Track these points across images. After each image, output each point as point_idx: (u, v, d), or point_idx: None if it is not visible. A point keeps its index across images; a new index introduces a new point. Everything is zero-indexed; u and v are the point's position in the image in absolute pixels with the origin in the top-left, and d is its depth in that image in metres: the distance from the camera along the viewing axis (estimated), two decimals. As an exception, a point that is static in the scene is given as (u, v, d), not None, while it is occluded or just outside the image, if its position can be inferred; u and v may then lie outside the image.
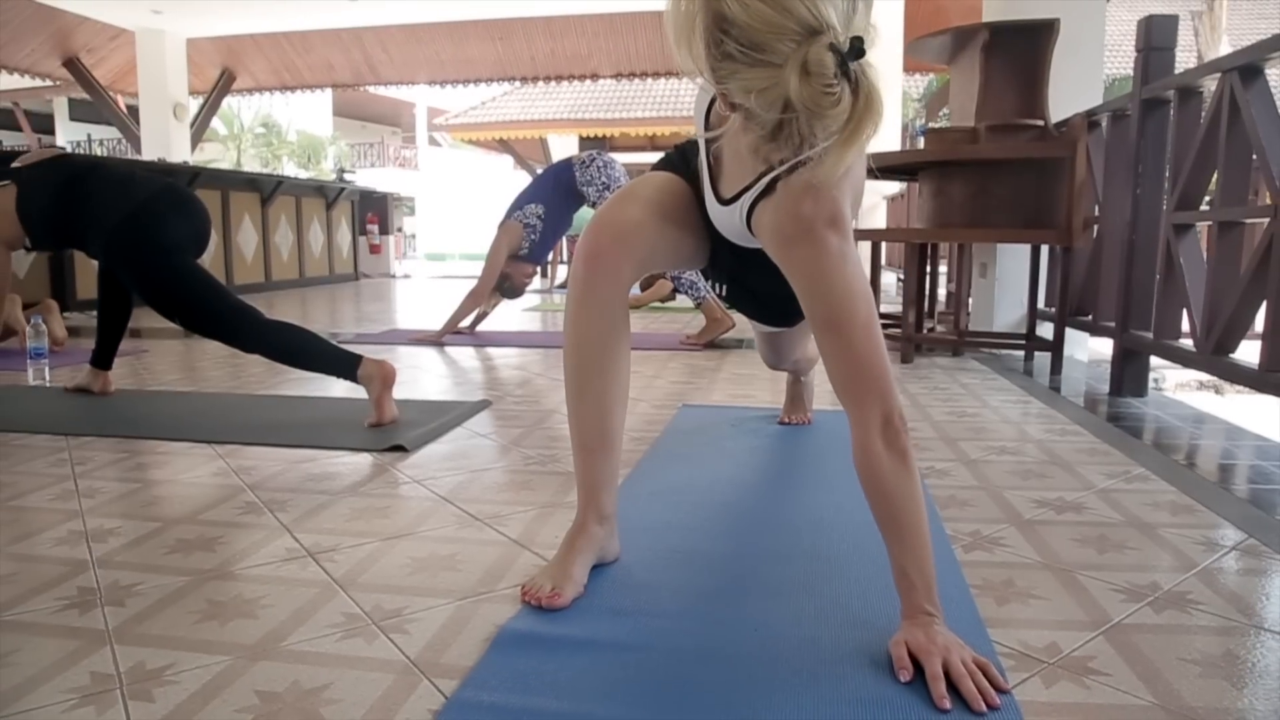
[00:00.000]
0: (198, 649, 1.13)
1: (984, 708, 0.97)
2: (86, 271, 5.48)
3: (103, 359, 2.83)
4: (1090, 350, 3.93)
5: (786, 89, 0.95)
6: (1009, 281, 4.03)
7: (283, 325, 2.53)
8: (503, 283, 4.53)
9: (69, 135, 21.66)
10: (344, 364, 2.44)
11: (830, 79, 0.94)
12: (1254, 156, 2.31)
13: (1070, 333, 3.51)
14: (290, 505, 1.74)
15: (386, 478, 1.95)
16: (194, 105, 11.62)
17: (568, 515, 1.67)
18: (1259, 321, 2.27)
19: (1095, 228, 3.39)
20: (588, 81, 13.72)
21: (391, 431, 2.32)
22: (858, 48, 0.95)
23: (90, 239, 2.56)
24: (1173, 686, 1.04)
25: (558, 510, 1.71)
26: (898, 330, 3.67)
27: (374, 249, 11.07)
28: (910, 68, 10.64)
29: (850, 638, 1.15)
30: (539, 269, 4.82)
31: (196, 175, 7.11)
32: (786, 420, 2.43)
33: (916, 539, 1.11)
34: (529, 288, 4.89)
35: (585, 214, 6.45)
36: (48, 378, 3.12)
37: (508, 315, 5.66)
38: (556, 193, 4.46)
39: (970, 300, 4.27)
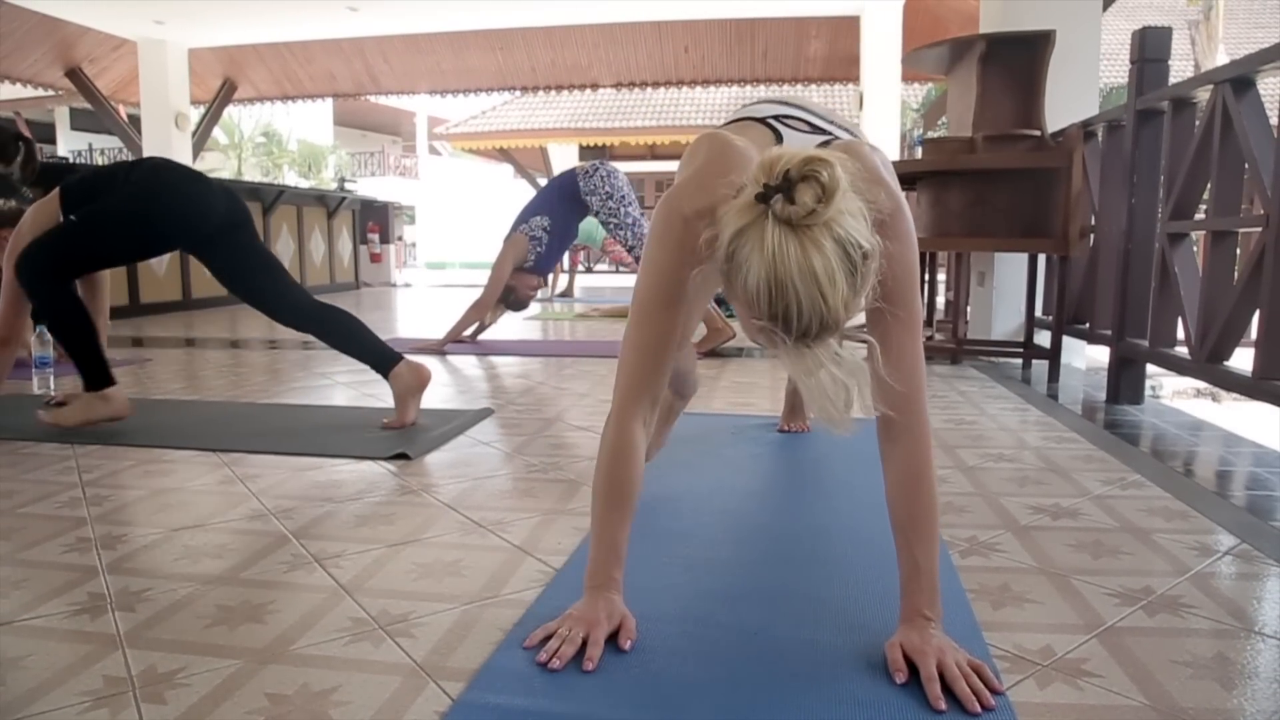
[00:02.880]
0: (208, 653, 1.16)
1: (978, 708, 0.99)
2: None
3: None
4: (1087, 358, 3.95)
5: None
6: (1007, 290, 4.06)
7: (324, 307, 2.65)
8: (508, 295, 4.55)
9: (70, 145, 21.70)
10: (381, 358, 2.54)
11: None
12: (1246, 167, 2.34)
13: (1067, 341, 3.53)
14: (296, 512, 1.77)
15: (391, 485, 1.97)
16: (195, 115, 11.65)
17: (570, 522, 1.70)
18: (1253, 329, 2.29)
19: (1091, 237, 3.41)
20: (588, 91, 13.76)
21: (395, 439, 2.34)
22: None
23: (131, 187, 2.54)
24: (1164, 688, 1.06)
25: (560, 517, 1.73)
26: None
27: (375, 258, 11.10)
28: (909, 77, 10.70)
29: (848, 641, 1.17)
30: (543, 281, 4.83)
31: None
32: (786, 428, 2.45)
33: (933, 543, 1.15)
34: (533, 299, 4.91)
35: (589, 224, 6.45)
36: (52, 386, 3.14)
37: (509, 324, 5.68)
38: (561, 204, 4.49)
39: (968, 309, 4.30)
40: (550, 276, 9.27)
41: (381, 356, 2.54)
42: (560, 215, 4.49)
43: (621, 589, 1.21)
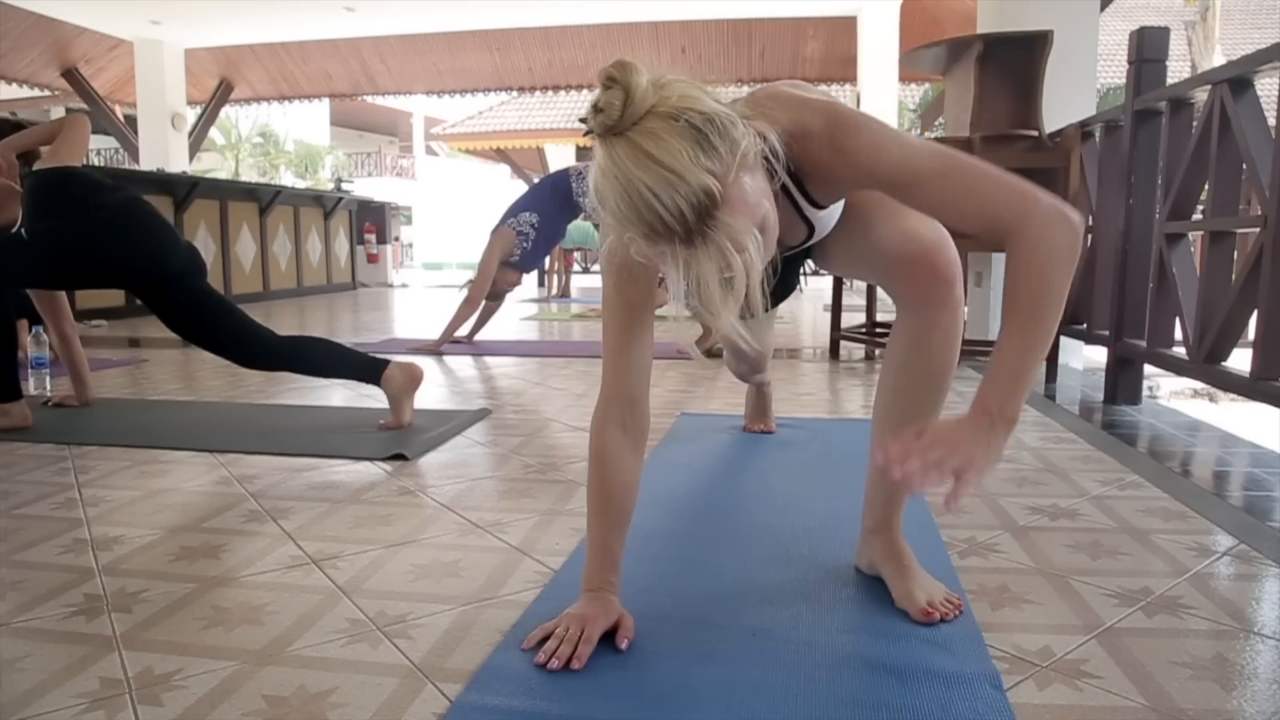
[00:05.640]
0: (205, 654, 1.15)
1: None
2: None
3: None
4: (1085, 359, 3.96)
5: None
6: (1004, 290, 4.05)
7: (294, 339, 2.58)
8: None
9: (66, 145, 21.63)
10: (367, 369, 2.51)
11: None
12: (1244, 167, 2.34)
13: (1065, 341, 3.53)
14: (293, 513, 1.76)
15: (388, 486, 1.97)
16: (192, 115, 11.64)
17: (568, 522, 1.69)
18: (1250, 329, 2.29)
19: (1089, 237, 3.41)
20: (585, 91, 13.75)
21: (392, 440, 2.34)
22: None
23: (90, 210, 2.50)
24: (1164, 689, 1.05)
25: (558, 517, 1.73)
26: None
27: (371, 258, 11.09)
28: (906, 78, 10.71)
29: (846, 643, 1.17)
30: (520, 278, 4.81)
31: (195, 185, 7.13)
32: (751, 429, 2.45)
33: (1045, 339, 1.04)
34: (525, 296, 4.90)
35: (581, 226, 6.41)
36: (48, 386, 3.14)
37: (506, 324, 5.68)
38: (552, 203, 4.48)
39: (965, 309, 4.30)
40: (546, 276, 9.28)
41: (369, 367, 2.51)
42: (549, 214, 4.47)
43: (618, 591, 1.21)
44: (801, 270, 1.66)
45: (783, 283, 1.66)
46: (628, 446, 1.24)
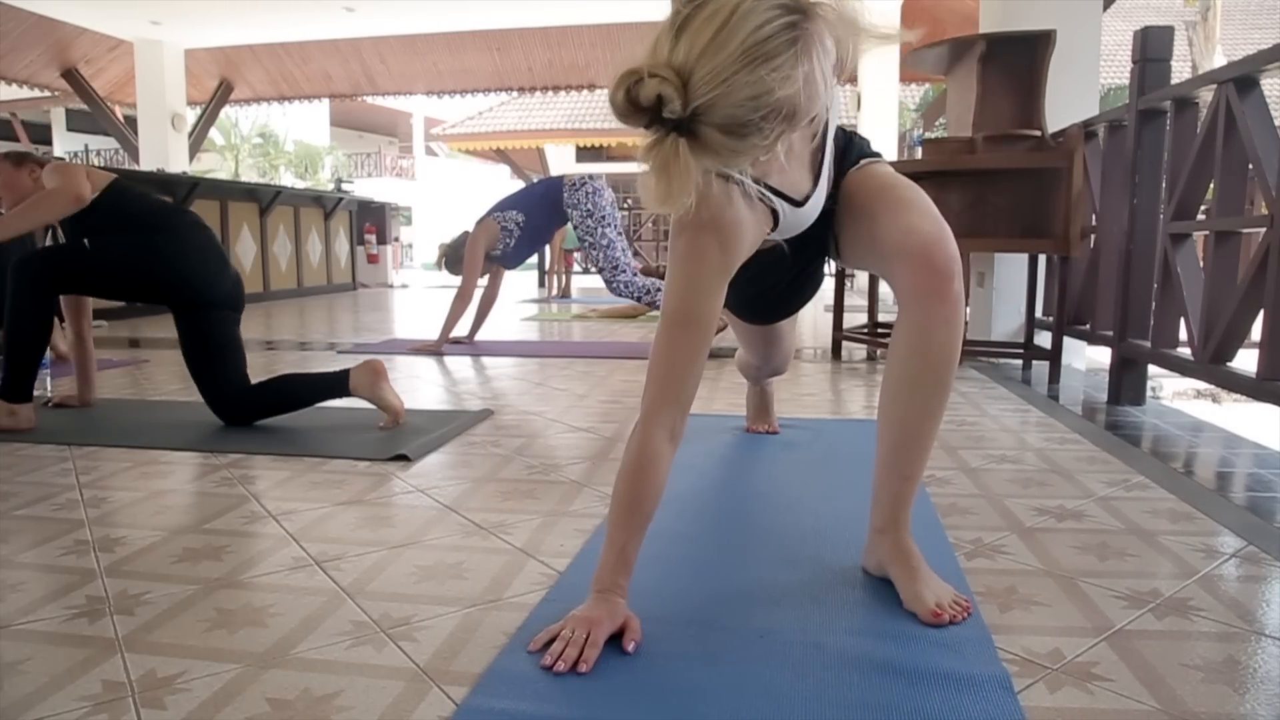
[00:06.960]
0: (208, 657, 1.14)
1: None
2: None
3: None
4: (1088, 359, 3.95)
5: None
6: (1007, 291, 4.05)
7: (260, 385, 2.58)
8: (456, 268, 4.52)
9: (66, 146, 21.65)
10: (333, 385, 2.52)
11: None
12: (1250, 166, 2.33)
13: (1068, 341, 3.52)
14: (295, 514, 1.75)
15: (390, 487, 1.96)
16: (192, 116, 11.64)
17: (572, 524, 1.68)
18: (1256, 330, 2.29)
19: (1093, 237, 3.41)
20: (585, 92, 13.76)
21: (394, 440, 2.33)
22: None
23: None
24: (1175, 692, 1.05)
25: (562, 519, 1.72)
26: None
27: (371, 259, 11.08)
28: (906, 78, 10.70)
29: (855, 645, 1.16)
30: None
31: (195, 185, 7.13)
32: (755, 429, 2.44)
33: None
34: (526, 297, 4.88)
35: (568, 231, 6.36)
36: (49, 387, 3.12)
37: (506, 325, 5.67)
38: (540, 207, 4.45)
39: (968, 309, 4.29)
40: (546, 277, 9.28)
41: (335, 385, 2.52)
42: (536, 217, 4.45)
43: (626, 594, 1.20)
44: (823, 266, 1.69)
45: (810, 280, 1.67)
46: (668, 454, 1.23)
